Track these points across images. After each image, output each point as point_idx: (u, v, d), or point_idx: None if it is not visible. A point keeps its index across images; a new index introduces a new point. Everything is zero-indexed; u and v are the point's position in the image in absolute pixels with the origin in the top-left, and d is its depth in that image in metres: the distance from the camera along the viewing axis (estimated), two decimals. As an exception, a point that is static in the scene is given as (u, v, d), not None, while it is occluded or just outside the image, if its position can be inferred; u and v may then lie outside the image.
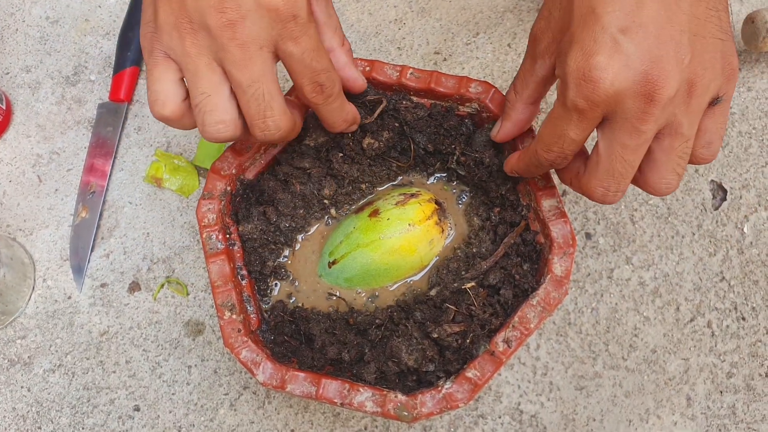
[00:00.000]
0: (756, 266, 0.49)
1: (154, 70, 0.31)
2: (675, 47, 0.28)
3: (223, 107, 0.31)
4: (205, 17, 0.29)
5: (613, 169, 0.30)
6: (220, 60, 0.30)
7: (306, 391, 0.34)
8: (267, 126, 0.32)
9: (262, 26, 0.30)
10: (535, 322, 0.35)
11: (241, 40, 0.29)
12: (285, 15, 0.29)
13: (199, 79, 0.31)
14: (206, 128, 0.31)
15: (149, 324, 0.49)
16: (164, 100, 0.31)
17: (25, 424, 0.46)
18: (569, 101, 0.29)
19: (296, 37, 0.30)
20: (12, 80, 0.57)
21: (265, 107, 0.31)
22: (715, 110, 0.31)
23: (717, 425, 0.46)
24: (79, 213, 0.51)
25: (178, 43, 0.30)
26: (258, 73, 0.30)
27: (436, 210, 0.40)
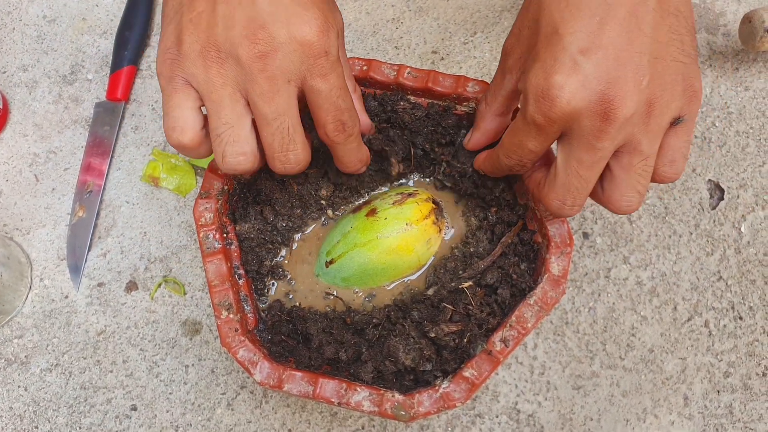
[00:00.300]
0: (753, 266, 0.49)
1: (173, 96, 0.31)
2: (634, 69, 0.29)
3: (245, 139, 0.31)
4: (236, 47, 0.29)
5: (569, 184, 0.31)
6: (246, 91, 0.30)
7: (303, 390, 0.34)
8: (288, 159, 0.32)
9: (293, 60, 0.29)
10: (533, 321, 0.35)
11: (270, 73, 0.29)
12: (317, 50, 0.29)
13: (222, 109, 0.30)
14: (227, 159, 0.31)
15: (146, 323, 0.49)
16: (183, 126, 0.31)
17: (22, 424, 0.46)
18: (528, 115, 0.30)
19: (326, 74, 0.30)
20: (9, 79, 0.57)
21: (289, 141, 0.31)
22: (677, 130, 0.31)
23: (714, 424, 0.46)
24: (76, 212, 0.51)
25: (203, 72, 0.30)
26: (284, 107, 0.30)
27: (434, 209, 0.40)
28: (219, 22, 0.29)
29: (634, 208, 0.32)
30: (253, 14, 0.29)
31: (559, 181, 0.32)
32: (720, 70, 0.55)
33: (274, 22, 0.29)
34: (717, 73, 0.55)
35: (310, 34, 0.29)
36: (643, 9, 0.29)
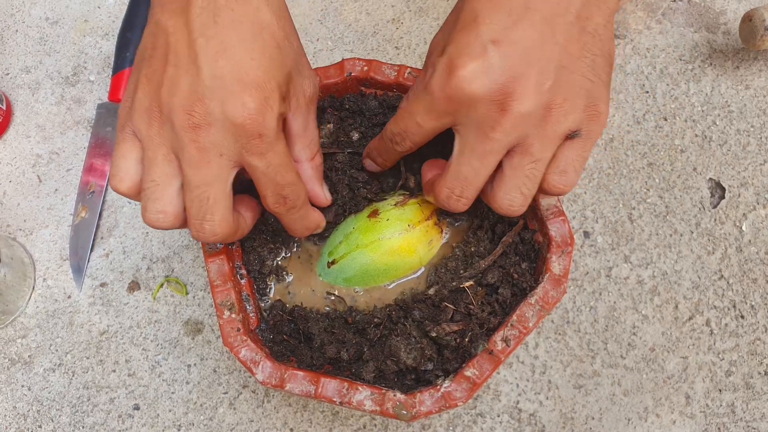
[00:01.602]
0: (754, 264, 0.49)
1: (121, 145, 0.32)
2: (539, 70, 0.29)
3: (168, 199, 0.32)
4: (173, 114, 0.30)
5: (459, 173, 0.32)
6: (179, 155, 0.31)
7: (305, 389, 0.34)
8: (203, 229, 0.32)
9: (226, 137, 0.30)
10: (534, 320, 0.35)
11: (201, 144, 0.30)
12: (250, 132, 0.30)
13: (153, 167, 0.31)
14: (147, 214, 0.32)
15: (149, 323, 0.49)
16: (122, 177, 0.32)
17: (25, 423, 0.47)
18: (428, 84, 0.31)
19: (261, 153, 0.31)
20: (12, 81, 0.57)
21: (206, 211, 0.31)
22: (573, 142, 0.32)
23: (716, 424, 0.46)
24: (79, 213, 0.52)
25: (146, 128, 0.31)
26: (209, 178, 0.31)
27: (435, 210, 0.40)
28: (165, 84, 0.30)
29: (516, 210, 0.32)
30: (194, 85, 0.29)
31: (450, 170, 0.32)
32: (720, 69, 0.55)
33: (211, 98, 0.29)
34: (717, 72, 0.55)
35: (242, 117, 0.29)
36: (560, 20, 0.30)
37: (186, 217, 0.32)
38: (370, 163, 0.40)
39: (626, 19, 0.57)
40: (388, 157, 0.37)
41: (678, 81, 0.55)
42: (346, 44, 0.58)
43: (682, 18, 0.57)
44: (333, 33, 0.58)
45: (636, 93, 0.55)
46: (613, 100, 0.54)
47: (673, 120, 0.54)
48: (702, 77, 0.55)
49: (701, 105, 0.54)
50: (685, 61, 0.56)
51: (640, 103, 0.54)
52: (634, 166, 0.52)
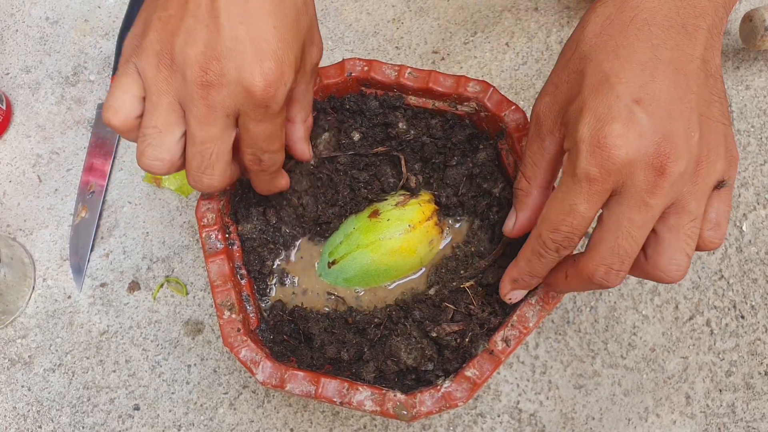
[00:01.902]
0: (755, 264, 0.49)
1: (122, 77, 0.31)
2: (685, 124, 0.28)
3: (167, 147, 0.31)
4: (188, 67, 0.29)
5: (618, 246, 0.29)
6: (185, 106, 0.30)
7: (305, 390, 0.34)
8: (201, 180, 0.32)
9: (236, 99, 0.30)
10: (534, 320, 0.35)
11: (211, 102, 0.29)
12: (259, 101, 0.30)
13: (156, 113, 0.31)
14: (143, 158, 0.32)
15: (149, 323, 0.49)
16: (117, 108, 0.31)
17: (25, 423, 0.47)
18: (580, 170, 0.28)
19: (260, 120, 0.31)
20: (12, 80, 0.57)
21: (206, 166, 0.32)
22: (720, 193, 0.30)
23: (716, 424, 0.46)
24: (79, 213, 0.52)
25: (153, 71, 0.30)
26: (214, 135, 0.31)
27: (436, 211, 0.40)
28: (182, 33, 0.29)
29: (682, 275, 0.30)
30: (213, 42, 0.29)
31: (606, 245, 0.29)
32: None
33: (228, 59, 0.29)
34: (718, 72, 0.55)
35: (257, 86, 0.29)
36: (690, 67, 0.29)
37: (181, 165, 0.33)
38: (520, 293, 0.35)
39: (626, 19, 0.57)
40: (546, 270, 0.33)
41: (678, 81, 0.55)
42: (346, 44, 0.57)
43: (683, 18, 0.57)
44: (333, 33, 0.58)
45: (636, 93, 0.55)
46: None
47: (673, 120, 0.54)
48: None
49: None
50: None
51: (641, 103, 0.54)
52: (635, 166, 0.52)
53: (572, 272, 0.32)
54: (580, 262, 0.31)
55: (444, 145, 0.42)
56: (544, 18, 0.58)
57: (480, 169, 0.41)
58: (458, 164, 0.41)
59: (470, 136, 0.42)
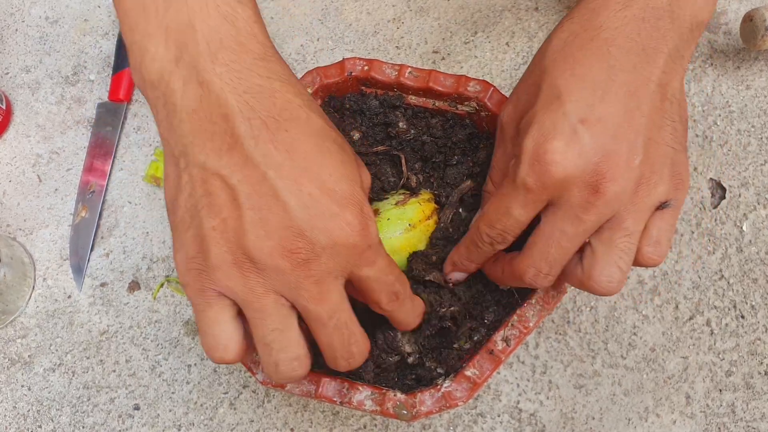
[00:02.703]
0: (755, 264, 0.49)
1: (208, 311, 0.28)
2: (629, 147, 0.29)
3: (296, 343, 0.29)
4: (275, 258, 0.27)
5: (548, 253, 0.31)
6: (291, 296, 0.28)
7: (305, 389, 0.34)
8: (352, 354, 0.30)
9: (339, 261, 0.28)
10: (534, 320, 0.35)
11: (317, 277, 0.27)
12: (362, 248, 0.28)
13: (268, 317, 0.28)
14: (280, 368, 0.29)
15: (149, 323, 0.49)
16: (226, 344, 0.29)
17: (25, 423, 0.47)
18: (519, 179, 0.30)
19: (372, 262, 0.29)
20: (12, 80, 0.57)
21: (349, 336, 0.29)
22: (663, 213, 0.31)
23: (716, 423, 0.46)
24: (79, 212, 0.52)
25: (240, 283, 0.27)
26: (337, 304, 0.28)
27: (436, 209, 0.40)
28: (249, 230, 0.27)
29: (615, 288, 0.31)
30: (287, 222, 0.27)
31: (537, 250, 0.31)
32: (721, 69, 0.55)
33: (312, 229, 0.27)
34: (718, 72, 0.55)
35: (352, 237, 0.27)
36: (644, 90, 0.29)
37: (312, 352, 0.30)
38: (459, 274, 0.37)
39: (627, 19, 0.57)
40: (482, 260, 0.35)
41: (678, 81, 0.55)
42: (346, 44, 0.57)
43: (683, 18, 0.57)
44: (334, 32, 0.58)
45: (636, 93, 0.55)
46: (614, 100, 0.54)
47: (673, 120, 0.54)
48: (703, 77, 0.55)
49: (702, 105, 0.54)
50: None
51: (641, 103, 0.54)
52: (635, 166, 0.52)
53: (507, 269, 0.33)
54: (514, 261, 0.32)
55: (444, 144, 0.42)
56: (545, 18, 0.58)
57: (480, 169, 0.41)
58: (458, 163, 0.41)
59: (470, 136, 0.42)
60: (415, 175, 0.42)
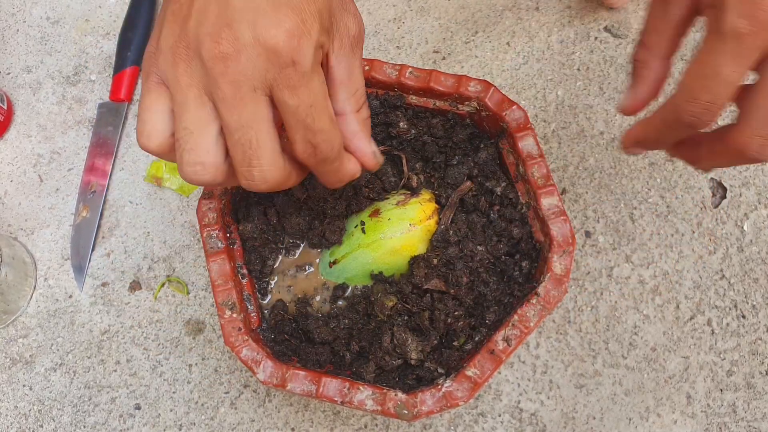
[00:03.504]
0: (756, 264, 0.49)
1: (146, 96, 0.28)
2: None
3: (204, 147, 0.27)
4: (200, 45, 0.26)
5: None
6: (212, 95, 0.27)
7: (306, 389, 0.34)
8: (252, 176, 0.28)
9: (258, 65, 0.26)
10: (535, 320, 0.35)
11: (233, 77, 0.26)
12: (284, 58, 0.26)
13: (185, 113, 0.27)
14: (183, 168, 0.28)
15: (150, 323, 0.49)
16: (150, 131, 0.28)
17: (27, 423, 0.47)
18: (727, 26, 0.25)
19: (293, 86, 0.26)
20: (13, 80, 0.57)
21: (251, 155, 0.27)
22: None
23: (717, 423, 0.46)
24: (80, 212, 0.52)
25: (171, 69, 0.27)
26: (248, 117, 0.26)
27: (437, 209, 0.40)
28: (193, 15, 0.26)
29: None
30: (223, 10, 0.25)
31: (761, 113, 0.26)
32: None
33: (240, 21, 0.25)
34: (719, 72, 0.55)
35: (275, 39, 0.25)
36: None
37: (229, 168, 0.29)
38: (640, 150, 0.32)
39: (628, 19, 0.57)
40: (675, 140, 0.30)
41: (679, 80, 0.55)
42: (347, 44, 0.57)
43: (684, 17, 0.57)
44: (334, 32, 0.58)
45: (637, 92, 0.55)
46: (614, 100, 0.54)
47: (674, 119, 0.54)
48: None
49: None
50: (686, 61, 0.56)
51: (642, 103, 0.54)
52: (636, 166, 0.52)
53: (719, 147, 0.28)
54: (729, 135, 0.27)
55: (445, 144, 0.42)
56: (545, 17, 0.58)
57: (481, 169, 0.41)
58: (459, 163, 0.41)
59: (471, 136, 0.42)
60: (416, 175, 0.42)
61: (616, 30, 0.57)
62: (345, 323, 0.39)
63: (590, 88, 0.55)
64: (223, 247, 0.38)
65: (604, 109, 0.54)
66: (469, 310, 0.38)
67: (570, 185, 0.52)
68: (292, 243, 0.41)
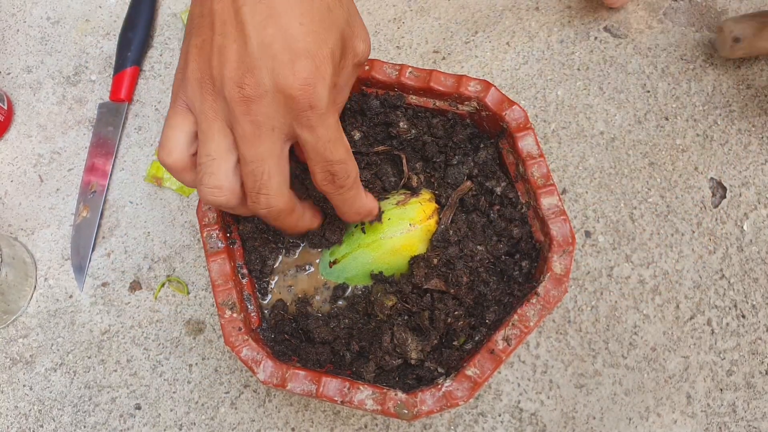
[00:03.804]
0: (756, 264, 0.49)
1: (172, 117, 0.31)
2: None
3: (224, 174, 0.30)
4: (225, 87, 0.28)
5: None
6: (233, 129, 0.30)
7: (306, 389, 0.34)
8: (259, 201, 0.31)
9: (278, 110, 0.29)
10: (535, 320, 0.35)
11: (254, 118, 0.29)
12: (302, 104, 0.28)
13: (209, 141, 0.30)
14: (202, 189, 0.31)
15: (150, 323, 0.49)
16: (171, 149, 0.31)
17: (27, 423, 0.47)
18: None
19: (312, 126, 0.29)
20: (13, 80, 0.57)
21: (261, 185, 0.30)
22: None
23: (717, 423, 0.46)
24: (80, 212, 0.52)
25: (199, 101, 0.30)
26: (264, 153, 0.30)
27: (437, 209, 0.40)
28: (215, 55, 0.29)
29: None
30: (243, 55, 0.28)
31: None
32: (722, 68, 0.55)
33: (261, 68, 0.28)
34: (719, 71, 0.55)
35: (293, 87, 0.28)
36: None
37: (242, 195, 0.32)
38: None
39: (627, 19, 0.57)
40: None
41: (679, 80, 0.55)
42: (347, 44, 0.58)
43: (684, 17, 0.57)
44: (334, 32, 0.58)
45: (637, 92, 0.55)
46: (614, 100, 0.54)
47: (674, 119, 0.54)
48: (703, 77, 0.55)
49: (702, 104, 0.54)
50: (686, 61, 0.56)
51: (642, 103, 0.54)
52: (636, 166, 0.52)
53: None
54: None
55: (445, 144, 0.42)
56: (545, 17, 0.58)
57: (481, 169, 0.41)
58: (459, 163, 0.41)
59: (471, 136, 0.42)
60: (416, 175, 0.42)
61: (615, 30, 0.57)
62: (345, 323, 0.39)
63: (590, 88, 0.55)
64: (224, 247, 0.38)
65: (604, 109, 0.54)
66: (469, 309, 0.38)
67: (570, 185, 0.52)
68: (292, 243, 0.42)
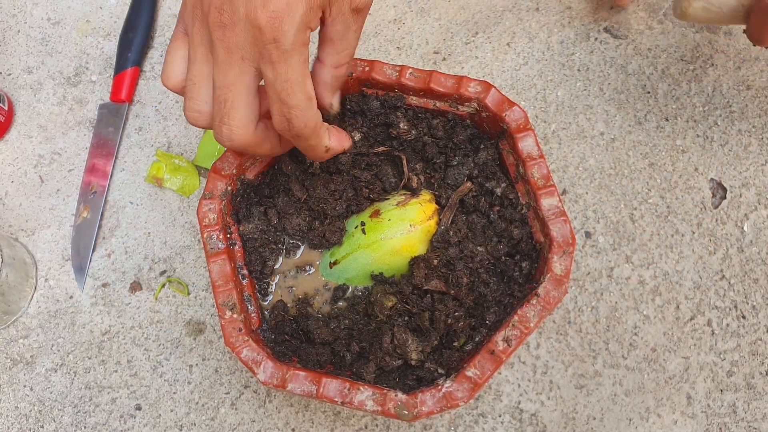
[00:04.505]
0: (756, 264, 0.49)
1: (173, 41, 0.33)
2: None
3: (204, 98, 0.32)
4: (209, 13, 0.30)
5: None
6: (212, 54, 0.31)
7: (306, 390, 0.34)
8: (221, 131, 0.32)
9: (247, 39, 0.29)
10: (535, 321, 0.35)
11: (227, 44, 0.30)
12: (266, 36, 0.29)
13: (193, 66, 0.31)
14: (185, 112, 0.33)
15: (150, 323, 0.49)
16: (170, 73, 0.33)
17: (27, 423, 0.47)
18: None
19: (273, 61, 0.29)
20: (14, 81, 0.57)
21: (224, 113, 0.31)
22: None
23: (717, 424, 0.46)
24: (81, 213, 0.52)
25: (191, 25, 0.31)
26: (230, 80, 0.30)
27: (437, 210, 0.40)
28: None
29: None
30: None
31: None
32: (722, 69, 0.55)
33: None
34: (719, 72, 0.55)
35: (261, 19, 0.28)
36: None
37: None
38: None
39: (628, 20, 0.57)
40: None
41: (679, 81, 0.55)
42: (347, 44, 0.58)
43: (684, 18, 0.57)
44: (334, 33, 0.58)
45: (637, 93, 0.55)
46: (615, 100, 0.54)
47: (674, 120, 0.54)
48: (703, 77, 0.55)
49: (702, 105, 0.54)
50: (686, 62, 0.56)
51: (642, 104, 0.54)
52: (636, 167, 0.52)
53: None
54: None
55: (445, 145, 0.42)
56: (546, 18, 0.58)
57: (481, 169, 0.41)
58: (459, 164, 0.41)
59: (471, 136, 0.42)
60: (416, 175, 0.42)
61: (616, 30, 0.57)
62: (345, 324, 0.39)
63: (590, 89, 0.55)
64: (224, 247, 0.38)
65: (604, 109, 0.54)
66: (470, 310, 0.38)
67: (570, 186, 0.52)
68: (292, 244, 0.42)
